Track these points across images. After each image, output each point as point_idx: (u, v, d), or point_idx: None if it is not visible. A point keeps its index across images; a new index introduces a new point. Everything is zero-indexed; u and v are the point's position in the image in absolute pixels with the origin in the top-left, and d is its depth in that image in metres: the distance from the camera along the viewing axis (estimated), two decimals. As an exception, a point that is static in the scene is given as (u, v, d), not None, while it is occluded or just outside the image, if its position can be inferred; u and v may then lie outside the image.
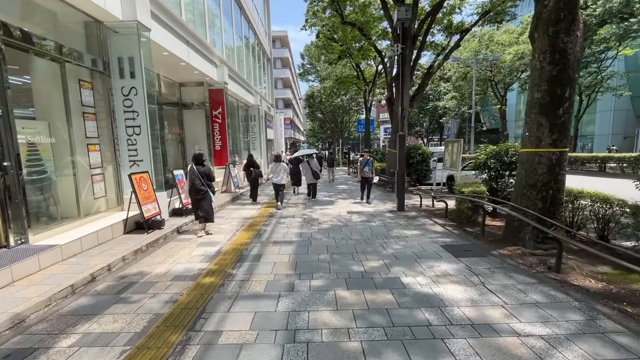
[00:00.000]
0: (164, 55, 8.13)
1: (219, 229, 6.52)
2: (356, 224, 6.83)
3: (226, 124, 12.03)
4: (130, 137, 6.33)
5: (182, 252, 5.00)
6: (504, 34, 31.24)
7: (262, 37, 21.78)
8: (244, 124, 18.81)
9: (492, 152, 7.48)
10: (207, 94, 11.81)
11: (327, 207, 8.96)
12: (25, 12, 4.90)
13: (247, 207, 9.17)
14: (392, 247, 5.14)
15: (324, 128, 45.42)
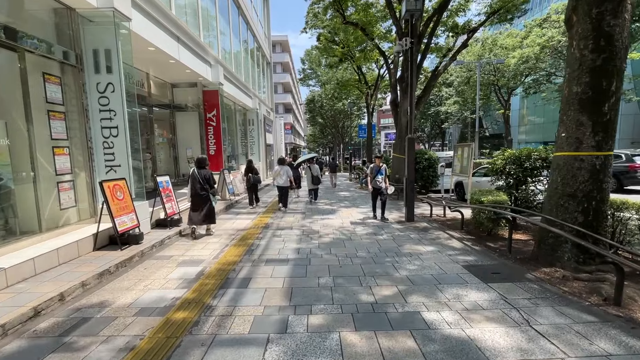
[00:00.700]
0: (150, 51, 7.45)
1: (205, 243, 5.76)
2: (361, 237, 6.06)
3: (221, 127, 11.32)
4: (107, 140, 5.61)
5: (157, 273, 4.23)
6: (507, 37, 30.82)
7: (261, 40, 21.24)
8: (241, 128, 18.14)
9: (512, 157, 6.74)
10: (201, 95, 11.13)
11: (329, 216, 8.19)
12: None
13: (242, 216, 8.41)
14: (405, 267, 4.36)
15: (324, 133, 44.81)
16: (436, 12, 11.76)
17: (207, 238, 6.14)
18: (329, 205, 10.07)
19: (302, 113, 62.29)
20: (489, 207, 5.67)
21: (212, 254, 5.07)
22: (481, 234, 6.06)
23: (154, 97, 10.30)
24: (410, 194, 7.22)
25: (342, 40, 19.86)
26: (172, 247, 5.53)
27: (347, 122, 38.51)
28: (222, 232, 6.57)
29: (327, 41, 20.57)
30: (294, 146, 50.15)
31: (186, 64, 8.83)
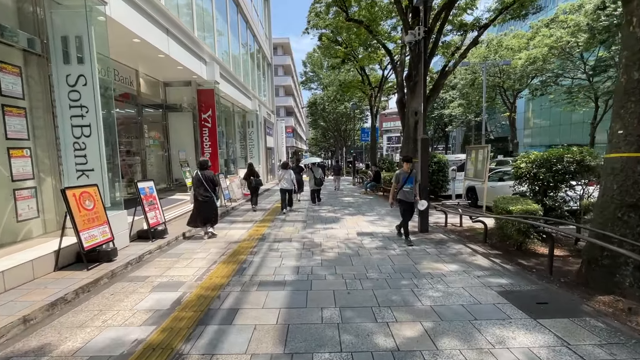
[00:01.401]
0: (135, 44, 6.76)
1: (191, 259, 4.98)
2: (370, 251, 5.28)
3: (217, 128, 10.61)
4: (78, 140, 4.88)
5: (125, 302, 3.47)
6: (513, 38, 30.20)
7: (262, 40, 20.63)
8: (240, 131, 17.46)
9: (539, 160, 5.95)
10: (195, 95, 10.44)
11: (332, 225, 7.41)
12: None
13: (237, 225, 7.64)
14: (427, 293, 3.57)
15: (326, 136, 44.12)
16: (445, 6, 11.04)
17: (194, 252, 5.38)
18: (332, 213, 9.28)
19: (304, 116, 61.72)
20: (520, 219, 4.86)
21: (196, 274, 4.30)
22: (509, 248, 5.26)
23: (145, 96, 9.61)
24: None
25: (345, 40, 19.22)
26: (151, 264, 4.76)
27: (350, 125, 37.83)
28: (211, 245, 5.80)
29: (330, 41, 19.95)
30: (295, 149, 49.49)
31: (177, 59, 8.14)
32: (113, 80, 7.31)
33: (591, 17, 21.39)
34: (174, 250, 5.48)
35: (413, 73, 11.42)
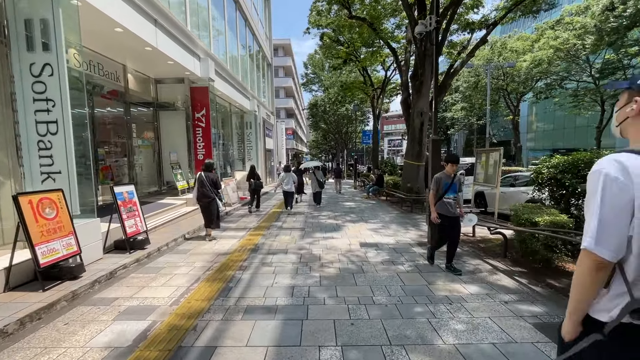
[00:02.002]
0: (118, 34, 6.17)
1: (171, 275, 4.35)
2: (376, 267, 4.64)
3: (211, 128, 10.01)
4: (43, 138, 4.27)
5: (78, 335, 2.83)
6: (517, 40, 29.76)
7: (261, 40, 20.11)
8: (238, 132, 16.88)
9: (565, 164, 5.33)
10: (188, 92, 9.85)
11: (333, 234, 6.78)
12: None
13: (229, 232, 7.01)
14: (448, 326, 2.94)
15: (327, 139, 43.55)
16: (453, 2, 10.47)
17: (176, 265, 4.75)
18: (332, 219, 8.65)
19: (304, 119, 61.24)
20: (549, 232, 4.23)
21: (173, 295, 3.67)
22: (533, 264, 4.62)
23: (134, 94, 9.02)
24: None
25: (347, 39, 18.69)
26: (123, 282, 4.12)
27: (351, 127, 37.28)
28: (197, 257, 5.17)
29: (331, 41, 19.43)
30: (295, 152, 48.95)
31: (167, 53, 7.56)
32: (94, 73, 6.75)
33: (599, 18, 20.86)
34: (154, 264, 4.85)
35: (419, 72, 10.85)
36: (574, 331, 1.03)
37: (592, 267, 0.95)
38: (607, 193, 0.94)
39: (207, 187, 6.16)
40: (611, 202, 0.93)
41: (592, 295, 0.99)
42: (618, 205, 0.93)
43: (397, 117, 76.61)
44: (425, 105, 10.95)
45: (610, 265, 0.95)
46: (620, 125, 1.10)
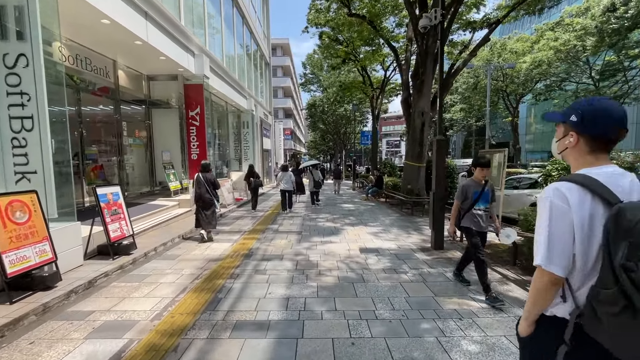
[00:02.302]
0: (105, 27, 5.84)
1: (156, 284, 4.02)
2: (377, 275, 4.33)
3: (206, 127, 9.67)
4: (17, 135, 3.93)
5: (42, 358, 2.50)
6: (517, 42, 29.65)
7: (259, 39, 19.81)
8: (234, 131, 16.55)
9: None
10: (182, 90, 9.51)
11: (331, 238, 6.46)
12: None
13: (222, 236, 6.67)
14: (460, 347, 2.63)
15: (325, 139, 43.23)
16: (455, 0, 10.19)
17: (162, 273, 4.42)
18: (331, 222, 8.33)
19: (303, 119, 60.94)
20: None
21: (156, 308, 3.34)
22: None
23: (125, 91, 8.68)
24: (438, 214, 5.49)
25: (346, 39, 18.41)
26: (103, 292, 3.79)
27: (349, 128, 36.99)
28: (186, 264, 4.84)
29: (330, 40, 19.14)
30: (294, 152, 48.62)
31: (158, 48, 7.23)
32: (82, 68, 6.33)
33: (600, 19, 20.71)
34: (139, 271, 4.52)
35: (420, 70, 10.57)
36: (528, 330, 1.23)
37: (548, 282, 1.12)
38: (553, 218, 1.08)
39: (204, 187, 6.17)
40: (557, 226, 1.08)
41: (547, 304, 1.17)
42: (562, 228, 1.08)
43: (396, 118, 76.49)
44: (427, 105, 10.67)
45: (563, 279, 1.11)
46: (562, 154, 1.24)
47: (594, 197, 1.06)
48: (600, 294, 0.99)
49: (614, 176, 1.10)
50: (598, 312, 0.99)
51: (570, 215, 1.07)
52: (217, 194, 6.44)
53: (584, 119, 1.13)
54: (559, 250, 1.08)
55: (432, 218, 5.55)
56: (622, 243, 0.93)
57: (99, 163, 8.28)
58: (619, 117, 1.09)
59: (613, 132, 1.11)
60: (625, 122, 1.10)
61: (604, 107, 1.10)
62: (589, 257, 1.07)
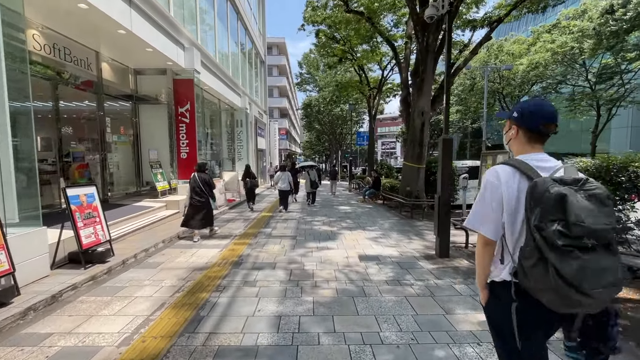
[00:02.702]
0: (83, 12, 5.34)
1: (131, 299, 3.55)
2: (380, 288, 3.91)
3: (196, 125, 9.19)
4: (-29, 128, 3.44)
5: (-25, 399, 2.04)
6: (513, 44, 29.61)
7: (255, 36, 19.33)
8: (228, 130, 16.05)
9: (594, 168, 4.69)
10: (171, 85, 9.02)
11: (328, 244, 6.03)
12: None
13: (210, 241, 6.20)
14: (482, 381, 2.22)
15: (321, 140, 42.82)
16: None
17: (140, 284, 3.95)
18: (327, 226, 7.90)
19: (298, 119, 60.50)
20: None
21: (126, 329, 2.87)
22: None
23: (110, 85, 8.17)
24: (444, 218, 5.09)
25: (343, 37, 18.03)
26: (67, 308, 3.30)
27: (345, 128, 36.64)
28: (168, 273, 4.37)
29: (327, 38, 18.76)
30: (289, 152, 48.13)
31: (144, 38, 6.74)
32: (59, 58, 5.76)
33: (598, 21, 20.63)
34: (113, 282, 4.04)
35: (420, 68, 10.21)
36: (485, 296, 1.48)
37: (482, 243, 1.42)
38: (487, 191, 1.37)
39: (199, 188, 6.19)
40: (489, 197, 1.36)
41: (487, 266, 1.44)
42: (493, 199, 1.35)
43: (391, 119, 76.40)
44: (427, 105, 10.31)
45: (494, 242, 1.39)
46: (508, 144, 1.52)
47: (522, 176, 1.30)
48: (524, 252, 1.21)
49: (542, 161, 1.36)
50: (524, 266, 1.20)
51: (500, 189, 1.32)
52: (213, 193, 6.45)
53: (522, 115, 1.39)
54: (489, 217, 1.35)
55: (437, 223, 5.15)
56: (536, 209, 1.17)
57: (85, 161, 7.79)
58: (549, 114, 1.35)
59: (544, 126, 1.36)
60: (554, 118, 1.35)
61: (538, 106, 1.37)
62: (516, 224, 1.31)
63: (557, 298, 1.14)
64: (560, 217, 1.12)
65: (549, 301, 1.18)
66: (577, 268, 1.07)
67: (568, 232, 1.09)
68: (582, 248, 1.09)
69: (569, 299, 1.11)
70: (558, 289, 1.10)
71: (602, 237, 1.10)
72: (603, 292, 1.09)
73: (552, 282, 1.10)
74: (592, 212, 1.11)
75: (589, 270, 1.07)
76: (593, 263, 1.08)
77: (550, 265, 1.11)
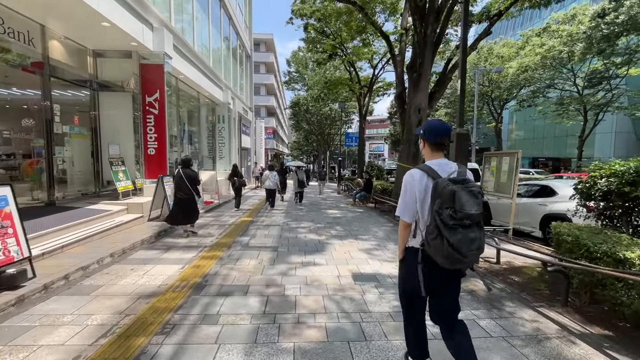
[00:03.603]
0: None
1: (30, 349, 2.47)
2: (383, 325, 2.96)
3: (166, 116, 8.06)
4: None
5: None
6: (503, 47, 29.58)
7: (239, 27, 18.20)
8: (208, 126, 14.87)
9: (635, 173, 3.91)
10: (138, 70, 7.87)
11: (315, 258, 5.06)
12: None
13: (172, 254, 5.12)
14: None
15: (309, 140, 41.78)
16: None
17: (47, 331, 2.85)
18: (314, 234, 6.92)
19: (286, 119, 59.28)
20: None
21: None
22: (618, 322, 3.10)
23: (62, 67, 6.96)
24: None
25: (333, 31, 17.15)
26: None
27: (334, 129, 35.77)
28: (102, 303, 3.29)
29: (316, 32, 17.84)
30: (276, 152, 46.91)
31: (99, 10, 5.62)
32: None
33: (588, 24, 20.55)
34: (20, 319, 2.93)
35: (418, 62, 9.40)
36: (401, 255, 2.08)
37: (403, 225, 2.00)
38: (407, 189, 1.92)
39: (185, 183, 6.11)
40: (408, 193, 1.92)
41: (406, 239, 2.03)
42: (410, 194, 1.91)
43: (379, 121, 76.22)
44: (424, 101, 9.50)
45: (411, 224, 1.98)
46: (422, 152, 2.07)
47: (428, 177, 1.88)
48: (429, 229, 1.81)
49: (442, 165, 1.93)
50: (428, 239, 1.81)
51: (414, 187, 1.90)
52: (197, 189, 6.38)
53: (425, 132, 2.01)
54: (408, 207, 1.94)
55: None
56: (437, 200, 1.75)
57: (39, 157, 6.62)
58: (444, 130, 1.96)
59: (440, 139, 1.97)
60: (447, 133, 1.97)
61: (436, 125, 1.98)
62: (424, 211, 1.89)
63: (446, 259, 1.75)
64: (451, 205, 1.72)
65: (441, 262, 1.79)
66: (460, 239, 1.70)
67: (455, 215, 1.70)
68: (463, 226, 1.71)
69: (454, 259, 1.73)
70: (448, 253, 1.71)
71: (475, 218, 1.73)
72: (473, 254, 1.75)
73: (445, 249, 1.72)
74: (469, 202, 1.71)
75: (466, 240, 1.71)
76: (468, 235, 1.72)
77: (444, 237, 1.72)
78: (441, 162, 1.92)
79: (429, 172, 1.87)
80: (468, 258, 1.72)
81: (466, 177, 1.80)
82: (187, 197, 6.12)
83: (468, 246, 1.70)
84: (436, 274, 1.89)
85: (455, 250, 1.68)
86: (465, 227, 1.69)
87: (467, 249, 1.70)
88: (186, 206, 6.15)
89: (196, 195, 6.29)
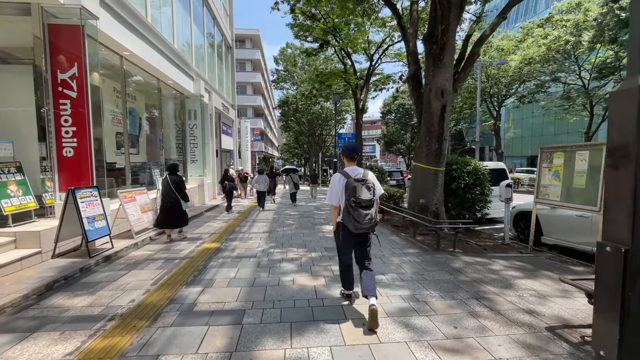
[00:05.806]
0: None
1: None
2: None
3: (88, 102, 5.54)
4: None
5: None
6: (503, 39, 28.01)
7: (217, 13, 15.73)
8: (176, 123, 12.29)
9: None
10: (42, 34, 5.34)
11: (310, 348, 2.64)
12: None
13: (45, 336, 2.63)
14: None
15: (299, 142, 39.30)
16: None
17: None
18: (307, 274, 4.48)
19: (276, 120, 56.71)
20: None
21: None
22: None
23: None
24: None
25: (324, 14, 14.89)
26: None
27: (325, 129, 33.44)
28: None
29: (305, 15, 15.55)
30: (264, 155, 44.27)
31: None
32: None
33: (599, 11, 18.93)
34: None
35: (440, 28, 7.09)
36: (334, 228, 3.40)
37: (334, 208, 3.37)
38: (335, 184, 3.26)
39: (170, 189, 6.23)
40: (336, 187, 3.24)
41: (336, 217, 3.34)
42: (335, 188, 3.25)
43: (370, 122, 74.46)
44: (449, 81, 7.20)
45: (338, 207, 3.29)
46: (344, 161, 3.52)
47: (344, 178, 3.17)
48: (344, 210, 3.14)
49: (353, 170, 3.26)
50: (343, 215, 3.16)
51: (337, 184, 3.21)
52: (183, 194, 6.43)
53: (343, 149, 3.54)
54: (334, 196, 3.24)
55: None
56: (347, 192, 3.11)
57: None
58: (353, 148, 3.47)
59: (350, 154, 3.43)
60: (356, 151, 3.53)
61: (348, 145, 3.45)
62: (342, 199, 3.14)
63: (352, 226, 3.10)
64: (354, 195, 3.06)
65: (351, 228, 3.12)
66: (358, 214, 3.05)
67: (356, 201, 3.05)
68: (360, 207, 3.07)
69: (356, 225, 3.08)
70: (353, 222, 3.08)
71: (367, 202, 3.09)
72: (366, 222, 3.10)
73: (352, 220, 3.08)
74: (364, 192, 3.08)
75: (361, 215, 3.06)
76: (363, 212, 3.07)
77: (350, 213, 3.07)
78: (353, 168, 3.30)
79: (344, 174, 3.20)
80: (364, 225, 3.10)
81: (365, 178, 3.16)
82: (172, 201, 6.26)
83: (363, 218, 3.07)
84: (352, 236, 3.21)
85: (356, 220, 3.07)
86: (361, 207, 3.07)
87: (362, 220, 3.07)
88: (172, 210, 6.28)
89: (182, 201, 6.40)
